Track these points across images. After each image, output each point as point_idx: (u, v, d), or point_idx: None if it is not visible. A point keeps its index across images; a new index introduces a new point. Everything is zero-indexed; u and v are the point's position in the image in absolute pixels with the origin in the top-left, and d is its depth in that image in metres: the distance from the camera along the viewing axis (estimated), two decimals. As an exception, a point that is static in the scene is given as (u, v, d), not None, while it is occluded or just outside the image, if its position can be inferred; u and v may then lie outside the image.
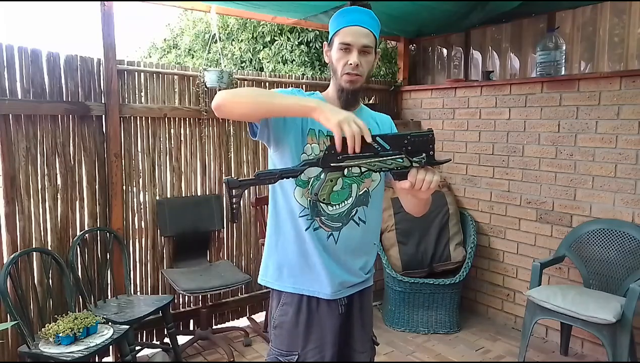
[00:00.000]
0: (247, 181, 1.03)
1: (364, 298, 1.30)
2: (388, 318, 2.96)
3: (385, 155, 0.99)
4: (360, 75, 1.16)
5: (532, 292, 2.35)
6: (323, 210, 1.18)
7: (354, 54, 1.14)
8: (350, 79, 1.16)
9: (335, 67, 1.18)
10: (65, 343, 1.83)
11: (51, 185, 2.23)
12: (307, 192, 1.17)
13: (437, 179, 1.00)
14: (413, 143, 0.99)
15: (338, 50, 1.16)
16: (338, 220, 1.20)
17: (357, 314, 1.28)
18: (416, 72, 3.67)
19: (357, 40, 1.15)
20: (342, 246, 1.20)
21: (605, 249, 2.41)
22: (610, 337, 2.08)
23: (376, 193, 1.25)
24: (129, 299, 2.37)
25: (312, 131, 1.17)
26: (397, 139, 0.99)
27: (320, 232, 1.19)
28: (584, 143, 2.55)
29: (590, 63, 2.68)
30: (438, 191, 3.13)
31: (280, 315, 1.23)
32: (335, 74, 1.19)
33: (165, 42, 7.07)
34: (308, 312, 1.21)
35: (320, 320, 1.22)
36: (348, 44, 1.15)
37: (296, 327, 1.21)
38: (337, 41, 1.16)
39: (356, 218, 1.22)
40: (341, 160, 0.99)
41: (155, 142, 2.57)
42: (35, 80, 2.14)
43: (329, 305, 1.21)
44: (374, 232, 1.30)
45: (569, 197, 2.62)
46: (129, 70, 2.45)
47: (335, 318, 1.22)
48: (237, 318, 2.97)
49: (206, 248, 2.79)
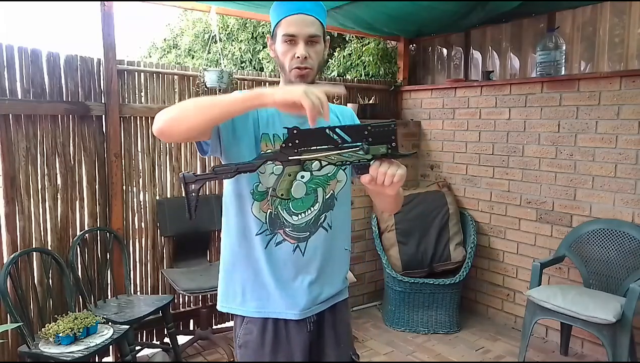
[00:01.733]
0: (204, 176, 0.97)
1: (338, 313, 1.19)
2: (388, 318, 2.96)
3: (345, 147, 0.93)
4: (311, 68, 1.06)
5: (532, 292, 2.35)
6: (287, 221, 1.09)
7: (301, 46, 1.04)
8: (300, 73, 1.05)
9: (282, 62, 1.07)
10: (65, 343, 1.83)
11: (51, 185, 2.23)
12: (266, 205, 1.08)
13: (401, 173, 0.92)
14: (374, 134, 0.93)
15: (282, 42, 1.06)
16: (305, 230, 1.10)
17: (329, 331, 1.17)
18: (416, 72, 3.67)
19: (302, 30, 1.04)
20: (310, 257, 1.10)
21: (605, 249, 2.41)
22: (610, 337, 2.08)
23: (342, 194, 1.15)
24: (129, 299, 2.37)
25: (266, 136, 1.07)
26: (358, 130, 0.93)
27: (284, 245, 1.09)
28: (584, 143, 2.55)
29: (590, 63, 2.69)
30: (438, 191, 3.14)
31: (245, 334, 1.13)
32: (283, 70, 1.08)
33: (165, 42, 7.08)
34: (274, 331, 1.11)
35: (289, 339, 1.12)
36: (292, 35, 1.04)
37: (262, 347, 1.11)
38: (280, 33, 1.06)
39: (325, 224, 1.12)
40: (299, 153, 0.94)
41: (155, 142, 2.57)
42: (35, 80, 2.14)
43: (297, 324, 1.11)
44: (344, 237, 1.19)
45: (569, 197, 2.62)
46: (129, 70, 2.45)
47: (305, 337, 1.12)
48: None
49: (206, 248, 2.79)
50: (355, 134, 0.93)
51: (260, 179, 1.07)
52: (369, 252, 3.21)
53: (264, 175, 1.06)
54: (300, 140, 0.93)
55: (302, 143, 0.93)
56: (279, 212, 1.09)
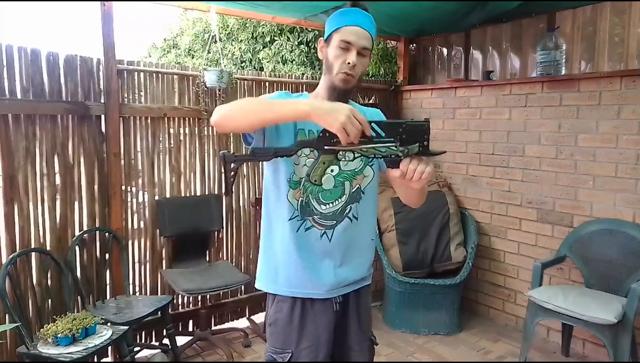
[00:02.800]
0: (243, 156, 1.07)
1: (361, 297, 1.30)
2: (388, 319, 2.96)
3: (379, 142, 0.99)
4: (355, 76, 1.17)
5: (533, 293, 2.35)
6: (316, 209, 1.19)
7: (353, 54, 1.15)
8: (346, 78, 1.16)
9: (332, 64, 1.18)
10: (63, 344, 1.83)
11: (50, 185, 2.23)
12: (299, 193, 1.18)
13: (429, 170, 1.00)
14: (408, 132, 0.99)
15: (337, 47, 1.16)
16: (332, 218, 1.21)
17: (353, 312, 1.28)
18: (416, 72, 3.68)
19: (358, 41, 1.15)
20: (336, 243, 1.21)
21: (607, 249, 2.41)
22: (611, 337, 2.08)
23: (369, 189, 1.25)
24: (127, 300, 2.37)
25: (302, 131, 1.18)
26: (393, 126, 1.00)
27: (313, 231, 1.20)
28: (585, 143, 2.55)
29: (590, 63, 2.69)
30: (438, 191, 3.14)
31: (275, 312, 1.25)
32: (329, 71, 1.19)
33: (165, 41, 7.09)
34: (302, 310, 1.22)
35: (315, 317, 1.22)
36: (349, 42, 1.15)
37: (290, 324, 1.22)
38: (338, 38, 1.16)
39: (350, 215, 1.23)
40: (335, 143, 1.00)
41: (154, 142, 2.57)
42: (34, 80, 2.14)
43: (323, 304, 1.22)
44: (369, 228, 1.29)
45: (569, 197, 2.63)
46: (129, 70, 2.45)
47: (330, 316, 1.23)
48: (237, 319, 2.97)
49: (205, 249, 2.79)
50: (390, 129, 0.99)
51: (295, 170, 1.19)
52: (369, 252, 3.20)
53: (298, 166, 1.18)
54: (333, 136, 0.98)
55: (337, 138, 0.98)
56: (310, 201, 1.20)
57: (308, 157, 1.17)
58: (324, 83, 1.23)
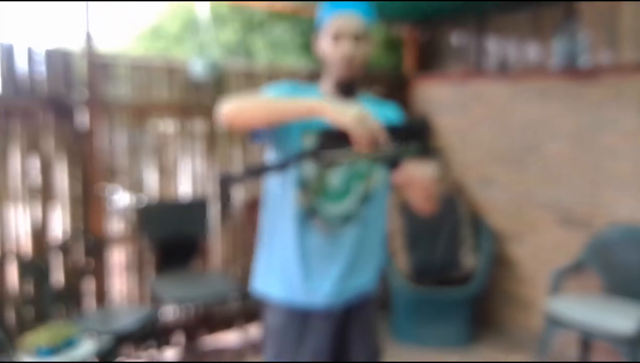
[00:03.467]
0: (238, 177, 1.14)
1: (365, 308, 1.32)
2: (395, 331, 2.98)
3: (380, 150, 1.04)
4: (357, 64, 1.19)
5: (550, 302, 2.39)
6: (322, 211, 1.23)
7: (346, 44, 1.16)
8: (344, 67, 1.18)
9: (329, 60, 1.21)
10: (45, 354, 1.89)
11: (27, 187, 2.28)
12: (305, 194, 1.23)
13: (432, 171, 1.05)
14: (405, 134, 1.04)
15: (330, 39, 1.19)
16: (338, 220, 1.25)
17: (355, 322, 1.30)
18: (425, 61, 3.66)
19: (350, 29, 1.16)
20: (341, 246, 1.25)
21: (630, 256, 2.44)
22: (632, 349, 2.13)
23: (378, 191, 1.28)
24: (112, 309, 2.42)
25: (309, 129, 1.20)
26: (390, 130, 1.03)
27: (318, 234, 1.24)
28: (609, 141, 2.56)
29: (613, 52, 2.70)
30: (449, 193, 3.16)
31: (272, 320, 1.28)
32: (328, 65, 1.22)
33: (152, 30, 7.13)
34: (302, 319, 1.25)
35: (315, 326, 1.25)
36: (339, 33, 1.17)
37: (288, 333, 1.25)
38: (328, 31, 1.19)
39: (358, 217, 1.26)
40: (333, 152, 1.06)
41: (139, 139, 2.61)
42: (10, 75, 2.18)
43: (325, 313, 1.25)
44: (377, 231, 1.33)
45: (591, 200, 2.64)
46: (111, 63, 2.49)
47: (330, 325, 1.26)
48: (227, 329, 2.97)
49: (194, 255, 2.81)
50: (390, 132, 1.03)
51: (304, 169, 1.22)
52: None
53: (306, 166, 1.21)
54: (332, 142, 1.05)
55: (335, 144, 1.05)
56: (317, 202, 1.23)
57: None
58: (328, 78, 1.25)
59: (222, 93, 2.80)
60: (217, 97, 2.80)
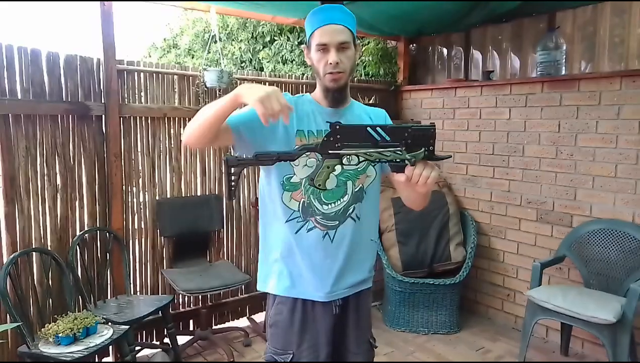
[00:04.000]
0: (246, 160, 1.04)
1: (361, 300, 1.30)
2: (388, 319, 2.96)
3: (384, 146, 0.99)
4: (343, 72, 1.17)
5: (532, 292, 2.35)
6: (318, 210, 1.19)
7: (332, 53, 1.15)
8: (333, 77, 1.17)
9: (317, 69, 1.19)
10: (65, 343, 1.83)
11: (51, 185, 2.23)
12: (299, 194, 1.18)
13: (434, 175, 1.00)
14: (414, 136, 0.98)
15: (316, 51, 1.17)
16: (334, 219, 1.21)
17: (352, 315, 1.28)
18: (416, 72, 3.67)
19: (333, 39, 1.15)
20: (338, 244, 1.21)
21: (606, 249, 2.41)
22: (610, 337, 2.09)
23: (371, 189, 1.25)
24: (128, 299, 2.37)
25: (301, 132, 1.18)
26: (398, 131, 0.99)
27: (315, 232, 1.20)
28: (585, 143, 2.55)
29: (590, 63, 2.68)
30: (438, 191, 3.14)
31: (276, 314, 1.26)
32: (318, 75, 1.20)
33: (165, 41, 7.07)
34: (303, 312, 1.23)
35: (315, 320, 1.23)
36: (324, 44, 1.15)
37: (291, 326, 1.23)
38: (314, 43, 1.17)
39: (353, 215, 1.22)
40: (340, 148, 1.00)
41: (155, 142, 2.57)
42: (34, 80, 2.14)
43: (323, 306, 1.23)
44: (371, 228, 1.30)
45: (569, 197, 2.62)
46: (129, 70, 2.45)
47: (330, 319, 1.24)
48: (237, 319, 2.97)
49: (206, 249, 2.79)
50: (396, 134, 0.99)
51: (295, 171, 1.18)
52: (369, 252, 3.20)
53: (298, 167, 1.17)
54: (341, 135, 0.99)
55: (343, 138, 0.99)
56: (312, 201, 1.19)
57: (309, 157, 1.15)
58: (318, 87, 1.24)
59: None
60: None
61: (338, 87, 1.18)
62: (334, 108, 1.23)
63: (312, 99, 1.25)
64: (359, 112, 1.27)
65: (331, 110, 1.23)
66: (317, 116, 1.21)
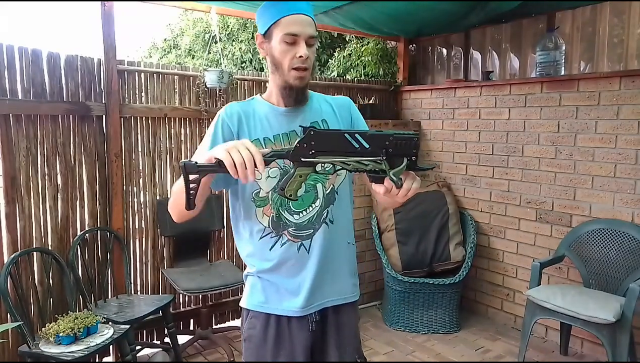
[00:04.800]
0: (207, 167, 0.91)
1: (342, 316, 1.17)
2: (388, 318, 2.96)
3: (364, 154, 0.89)
4: (309, 69, 1.05)
5: (531, 292, 2.35)
6: (289, 221, 1.09)
7: (302, 46, 1.02)
8: (300, 75, 1.04)
9: (280, 62, 1.04)
10: (65, 343, 1.83)
11: (51, 185, 2.22)
12: (269, 209, 1.09)
13: (416, 187, 0.91)
14: (395, 145, 0.88)
15: (282, 42, 1.02)
16: (308, 227, 1.10)
17: (332, 332, 1.16)
18: (416, 72, 3.67)
19: (304, 30, 1.02)
20: (315, 254, 1.10)
21: (605, 249, 2.41)
22: (610, 336, 2.08)
23: (343, 188, 1.14)
24: (129, 299, 2.36)
25: (257, 141, 1.07)
26: (379, 138, 0.88)
27: (289, 245, 1.10)
28: (584, 143, 2.54)
29: (589, 63, 2.68)
30: (438, 191, 3.14)
31: (249, 328, 1.15)
32: (279, 70, 1.05)
33: (166, 42, 7.07)
34: (277, 328, 1.13)
35: (291, 336, 1.12)
36: (295, 34, 1.01)
37: (264, 342, 1.12)
38: (280, 32, 1.02)
39: (327, 219, 1.11)
40: (314, 155, 0.90)
41: (155, 142, 2.57)
42: (35, 80, 2.14)
43: (298, 322, 1.12)
44: (347, 231, 1.18)
45: (568, 197, 2.62)
46: (129, 70, 2.44)
47: (306, 336, 1.12)
48: (237, 318, 2.96)
49: (206, 248, 2.78)
50: (376, 141, 0.88)
51: (259, 184, 1.07)
52: (369, 251, 3.21)
53: (261, 181, 1.07)
54: (315, 142, 0.90)
55: (318, 145, 0.90)
56: (281, 214, 1.09)
57: (270, 167, 1.04)
58: (274, 83, 1.09)
59: (233, 100, 2.77)
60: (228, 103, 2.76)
61: (303, 85, 1.06)
62: (293, 107, 1.10)
63: (263, 100, 1.12)
64: (318, 105, 1.14)
65: (287, 110, 1.10)
66: (271, 119, 1.09)
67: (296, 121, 1.10)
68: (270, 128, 1.09)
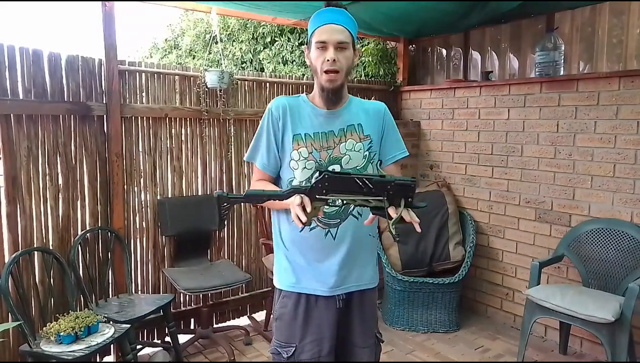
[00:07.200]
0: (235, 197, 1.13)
1: (365, 296, 1.32)
2: (388, 317, 2.95)
3: (368, 194, 1.05)
4: (339, 71, 1.19)
5: (531, 291, 2.35)
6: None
7: (330, 50, 1.18)
8: (329, 77, 1.19)
9: (315, 66, 1.22)
10: (66, 342, 1.83)
11: (52, 185, 2.22)
12: None
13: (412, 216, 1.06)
14: (395, 188, 1.04)
15: (315, 49, 1.20)
16: (336, 217, 1.25)
17: (357, 310, 1.31)
18: (416, 72, 3.67)
19: (332, 37, 1.18)
20: (340, 241, 1.25)
21: (604, 248, 2.41)
22: (609, 336, 2.08)
23: None
24: (130, 298, 2.36)
25: (298, 136, 1.24)
26: (381, 183, 1.05)
27: (317, 230, 1.24)
28: (583, 143, 2.54)
29: (589, 63, 2.68)
30: (437, 191, 3.13)
31: (280, 308, 1.30)
32: (316, 74, 1.23)
33: (166, 42, 7.07)
34: (306, 306, 1.26)
35: (319, 314, 1.26)
36: (323, 41, 1.18)
37: (295, 319, 1.26)
38: (314, 41, 1.21)
39: (355, 213, 1.26)
40: (327, 193, 1.07)
41: (156, 142, 2.56)
42: (36, 81, 2.13)
43: (327, 301, 1.26)
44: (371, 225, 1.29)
45: (567, 197, 2.62)
46: (130, 70, 2.44)
47: (334, 313, 1.26)
48: (238, 317, 2.96)
49: (207, 248, 2.78)
50: (379, 185, 1.04)
51: (295, 174, 1.24)
52: (369, 251, 3.20)
53: (297, 170, 1.23)
54: (329, 183, 1.06)
55: (330, 186, 1.06)
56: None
57: (307, 160, 1.22)
58: (316, 86, 1.27)
59: (234, 99, 2.76)
60: (228, 103, 2.76)
61: (334, 87, 1.21)
62: (330, 109, 1.26)
63: (307, 100, 1.29)
64: (356, 110, 1.30)
65: (327, 112, 1.26)
66: (313, 119, 1.26)
67: (335, 123, 1.26)
68: (311, 126, 1.25)
